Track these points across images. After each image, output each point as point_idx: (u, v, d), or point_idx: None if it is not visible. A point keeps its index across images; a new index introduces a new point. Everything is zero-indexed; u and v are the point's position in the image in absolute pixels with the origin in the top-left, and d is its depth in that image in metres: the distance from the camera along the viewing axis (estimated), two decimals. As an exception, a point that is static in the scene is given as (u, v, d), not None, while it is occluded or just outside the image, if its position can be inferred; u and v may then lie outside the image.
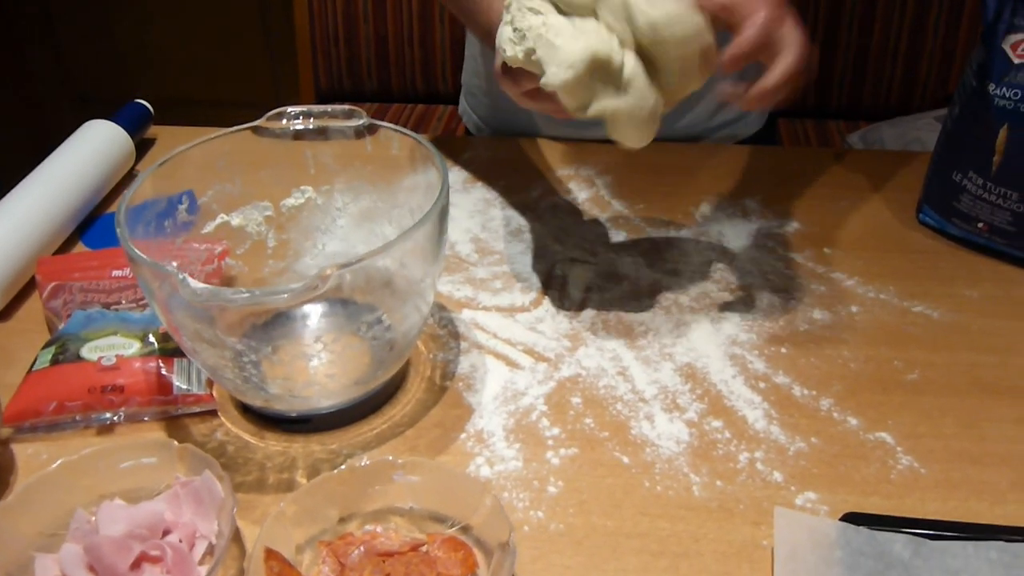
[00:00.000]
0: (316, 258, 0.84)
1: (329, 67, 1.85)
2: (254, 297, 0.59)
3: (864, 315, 0.84)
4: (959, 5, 1.65)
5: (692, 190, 1.02)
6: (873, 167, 1.06)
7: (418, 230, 0.65)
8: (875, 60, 1.71)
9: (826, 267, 0.90)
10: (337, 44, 1.82)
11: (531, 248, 0.92)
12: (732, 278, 0.88)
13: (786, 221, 0.96)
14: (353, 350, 0.73)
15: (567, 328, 0.82)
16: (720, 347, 0.79)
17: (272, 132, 0.78)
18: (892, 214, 0.98)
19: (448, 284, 0.88)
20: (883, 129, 1.58)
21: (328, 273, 0.59)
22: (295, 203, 0.82)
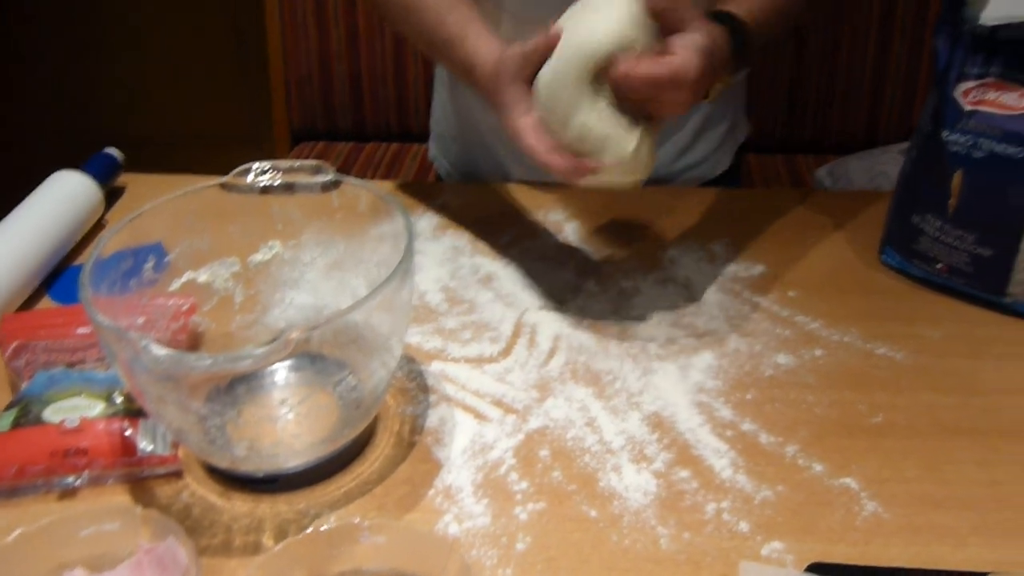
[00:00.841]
0: (286, 311, 0.84)
1: (303, 106, 1.85)
2: (217, 364, 0.58)
3: (828, 358, 0.84)
4: (919, 41, 1.67)
5: (659, 234, 1.02)
6: (837, 207, 1.07)
7: (384, 289, 0.65)
8: (841, 95, 1.73)
9: (791, 310, 0.90)
10: (311, 83, 1.82)
11: (500, 296, 0.92)
12: (699, 323, 0.88)
13: (752, 264, 0.97)
14: (320, 409, 0.73)
15: (536, 378, 0.82)
16: (687, 395, 0.79)
17: (239, 188, 0.78)
18: (855, 255, 0.98)
19: (417, 335, 0.87)
20: (850, 163, 1.59)
21: (293, 336, 0.59)
22: (263, 258, 0.81)
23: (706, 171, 1.25)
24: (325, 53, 1.79)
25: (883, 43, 1.68)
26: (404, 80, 1.79)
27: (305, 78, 1.81)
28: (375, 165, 1.79)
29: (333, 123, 1.85)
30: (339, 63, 1.79)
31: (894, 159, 1.53)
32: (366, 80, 1.80)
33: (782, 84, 1.73)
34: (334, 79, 1.81)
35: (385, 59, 1.77)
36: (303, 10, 1.76)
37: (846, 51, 1.70)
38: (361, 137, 1.87)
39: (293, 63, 1.80)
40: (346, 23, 1.76)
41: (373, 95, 1.82)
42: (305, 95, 1.83)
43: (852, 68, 1.71)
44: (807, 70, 1.72)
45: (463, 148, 1.30)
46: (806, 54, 1.70)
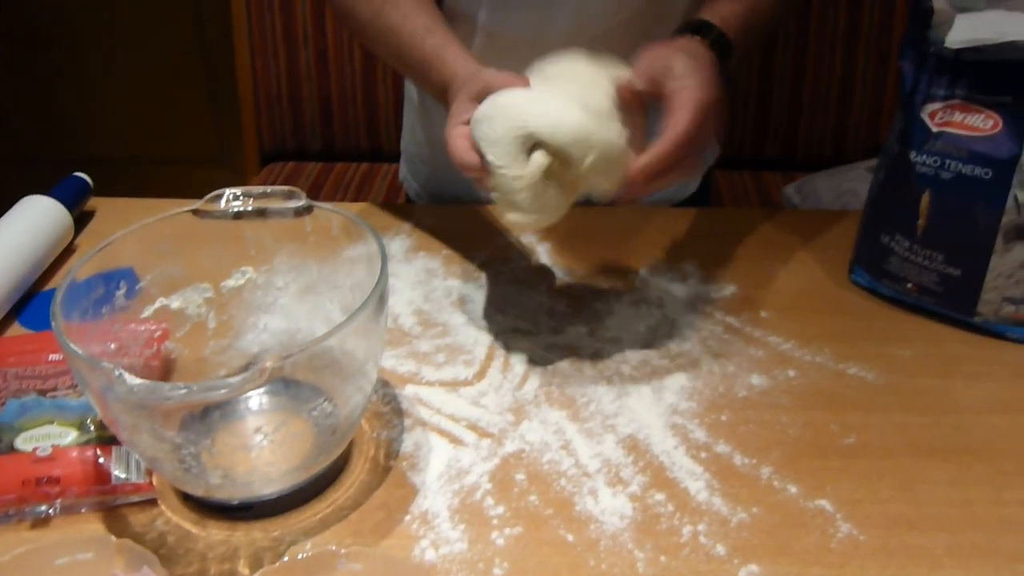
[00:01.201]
0: (259, 336, 0.83)
1: (273, 126, 1.85)
2: (191, 393, 0.58)
3: (801, 379, 0.84)
4: (885, 59, 1.68)
5: (632, 255, 1.02)
6: (806, 226, 1.08)
7: (359, 314, 0.65)
8: (808, 112, 1.75)
9: (763, 331, 0.90)
10: (281, 103, 1.82)
11: (474, 319, 0.92)
12: (672, 345, 0.88)
13: (724, 285, 0.97)
14: (295, 436, 0.72)
15: (510, 402, 0.82)
16: (661, 417, 0.80)
17: (211, 214, 0.78)
18: (825, 274, 0.99)
19: (391, 358, 0.87)
20: (818, 181, 1.60)
21: (267, 365, 0.59)
22: (235, 284, 0.81)
23: (675, 192, 1.26)
24: (294, 75, 1.78)
25: (849, 58, 1.70)
26: (374, 101, 1.79)
27: (274, 99, 1.81)
28: (345, 185, 1.78)
29: (303, 144, 1.85)
30: (309, 85, 1.79)
31: (861, 176, 1.54)
32: (336, 101, 1.80)
33: (749, 101, 1.75)
34: (304, 101, 1.80)
35: (355, 81, 1.77)
36: (272, 32, 1.76)
37: (812, 67, 1.71)
38: (331, 157, 1.87)
39: (263, 85, 1.80)
40: (315, 45, 1.76)
41: (343, 116, 1.81)
42: (275, 116, 1.83)
43: (818, 84, 1.73)
44: (774, 86, 1.73)
45: (433, 170, 1.30)
46: (772, 71, 1.72)
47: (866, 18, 1.67)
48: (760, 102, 1.75)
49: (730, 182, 1.77)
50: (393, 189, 1.74)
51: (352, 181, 1.80)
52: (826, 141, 1.77)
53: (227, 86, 2.51)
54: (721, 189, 1.75)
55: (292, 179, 1.80)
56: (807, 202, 1.57)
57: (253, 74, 1.80)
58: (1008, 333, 0.88)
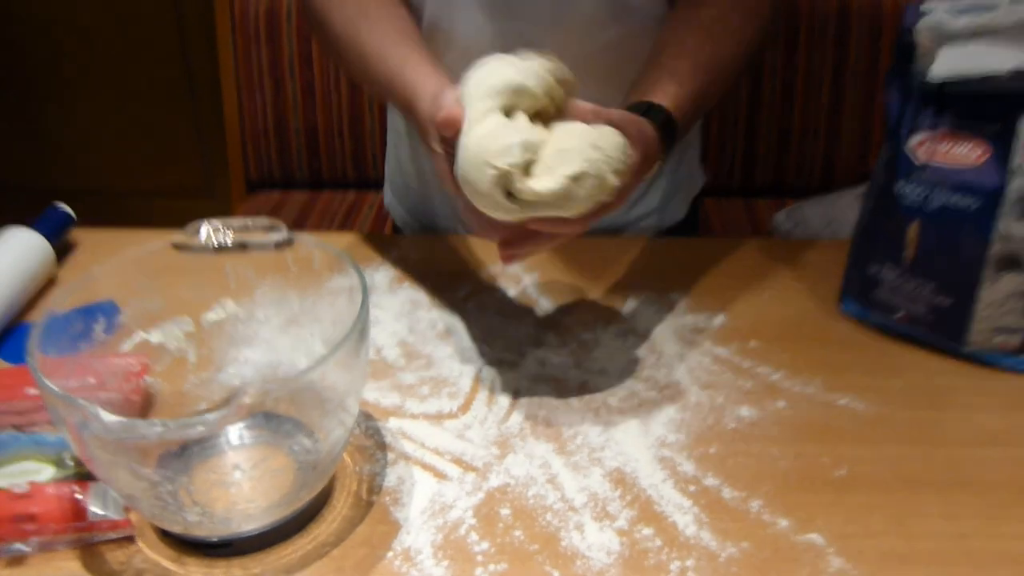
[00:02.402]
0: (240, 369, 0.83)
1: (259, 157, 1.85)
2: (169, 431, 0.57)
3: (791, 410, 0.84)
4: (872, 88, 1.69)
5: (618, 285, 1.02)
6: (795, 255, 1.08)
7: (341, 348, 0.65)
8: (797, 139, 1.75)
9: (752, 361, 0.90)
10: (267, 134, 1.82)
11: (459, 351, 0.92)
12: (660, 376, 0.88)
13: (712, 315, 0.97)
14: (276, 472, 0.72)
15: (495, 435, 0.81)
16: (649, 450, 0.79)
17: (191, 247, 0.77)
18: (815, 304, 0.99)
19: (375, 391, 0.86)
20: (807, 208, 1.61)
21: (246, 401, 0.58)
22: (216, 317, 0.81)
23: (661, 220, 1.26)
24: (281, 107, 1.79)
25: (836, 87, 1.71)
26: (360, 132, 1.79)
27: (260, 130, 1.81)
28: (332, 214, 1.78)
29: (289, 173, 1.85)
30: (295, 115, 1.79)
31: (851, 204, 1.55)
32: (322, 133, 1.80)
33: (739, 128, 1.75)
34: (290, 132, 1.81)
35: (341, 113, 1.78)
36: (258, 64, 1.76)
37: (800, 95, 1.72)
38: (318, 186, 1.87)
39: (249, 115, 1.80)
40: (302, 76, 1.76)
41: (329, 147, 1.82)
42: (260, 147, 1.83)
43: (807, 111, 1.73)
44: (763, 114, 1.74)
45: (420, 198, 1.29)
46: (761, 98, 1.72)
47: (853, 50, 1.68)
48: (749, 129, 1.76)
49: (720, 209, 1.78)
50: (380, 217, 1.74)
51: (339, 210, 1.80)
52: (815, 169, 1.78)
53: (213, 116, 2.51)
54: (711, 216, 1.75)
55: (278, 208, 1.80)
56: (797, 229, 1.57)
57: (239, 104, 1.81)
58: (1000, 363, 0.88)
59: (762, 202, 1.80)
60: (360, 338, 0.68)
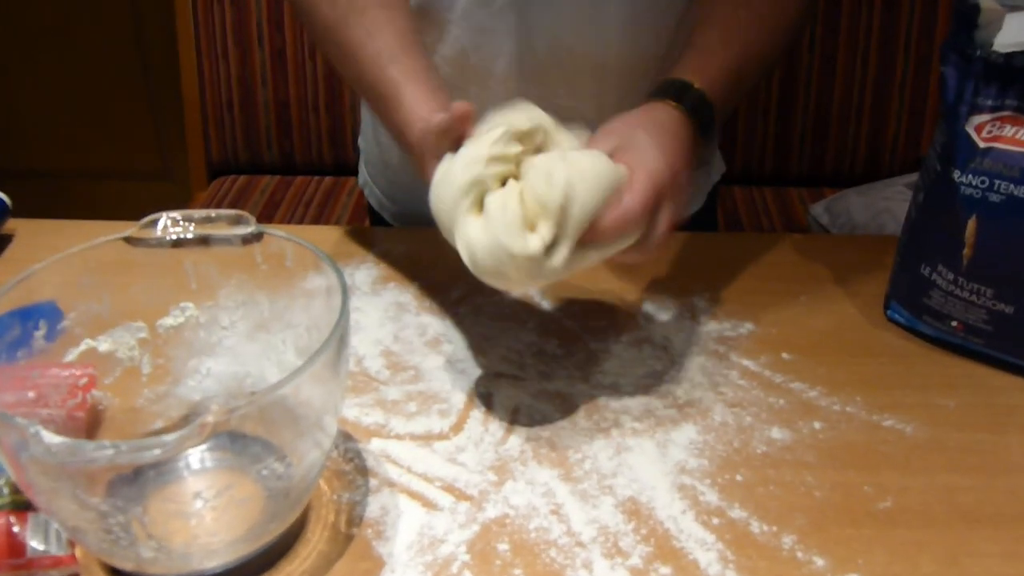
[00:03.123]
0: (202, 382, 0.83)
1: (223, 136, 1.85)
2: (120, 454, 0.57)
3: (829, 432, 0.84)
4: (926, 62, 1.69)
5: (633, 288, 1.02)
6: (836, 253, 1.08)
7: (317, 358, 0.65)
8: (837, 120, 1.75)
9: (785, 376, 0.90)
10: (231, 110, 1.82)
11: (451, 362, 0.92)
12: (680, 392, 0.88)
13: (739, 322, 0.97)
14: (242, 501, 0.72)
15: (492, 458, 0.81)
16: (667, 476, 0.79)
17: (146, 241, 0.77)
18: (857, 310, 0.99)
19: (355, 408, 0.87)
20: (850, 198, 1.61)
21: (209, 420, 0.58)
22: (174, 322, 0.81)
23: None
24: (247, 78, 1.79)
25: (885, 62, 1.71)
26: (339, 108, 1.80)
27: (224, 105, 1.81)
28: (306, 202, 1.79)
29: (256, 155, 1.85)
30: (263, 89, 1.79)
31: (900, 194, 1.55)
32: (295, 107, 1.81)
33: (770, 107, 1.76)
34: (258, 107, 1.81)
35: (316, 84, 1.78)
36: (222, 29, 1.76)
37: (842, 72, 1.72)
38: (289, 170, 1.87)
39: (211, 88, 1.80)
40: (271, 44, 1.76)
41: (303, 124, 1.82)
42: (224, 124, 1.83)
43: (850, 90, 1.73)
44: (798, 91, 1.74)
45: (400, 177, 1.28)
46: (797, 76, 1.73)
47: (905, 16, 1.68)
48: (783, 110, 1.76)
49: (748, 199, 1.78)
50: (360, 207, 1.74)
51: (313, 197, 1.80)
52: (858, 154, 1.78)
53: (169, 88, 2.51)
54: (738, 208, 1.76)
55: (244, 195, 1.80)
56: (837, 223, 1.57)
57: (200, 76, 1.81)
58: (1068, 379, 0.88)
59: (796, 192, 1.81)
60: (339, 347, 0.68)
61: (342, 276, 0.72)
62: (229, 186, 1.83)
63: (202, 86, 1.82)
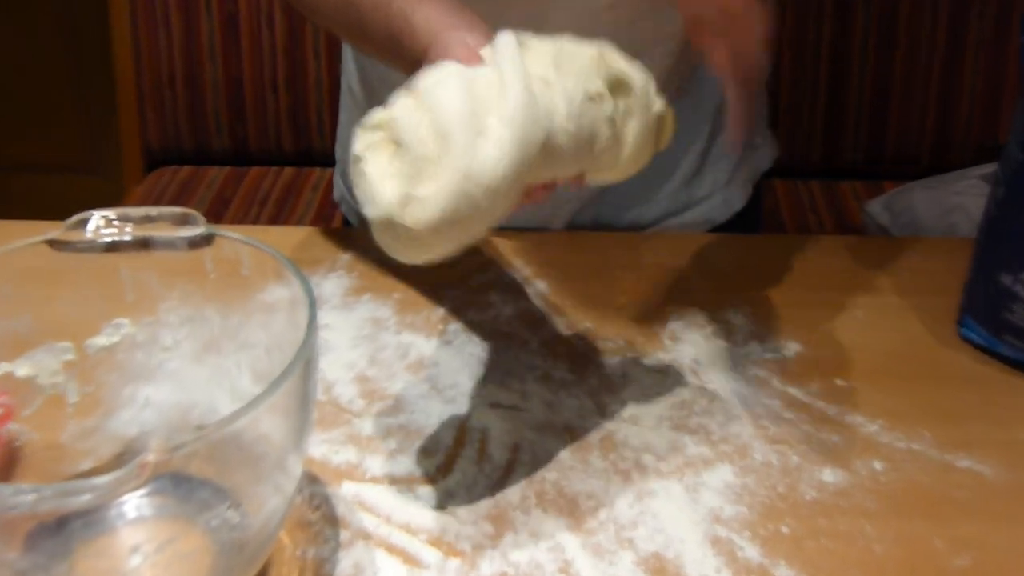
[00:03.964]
0: (139, 413, 0.83)
1: (163, 120, 1.85)
2: (43, 499, 0.57)
3: (892, 474, 0.84)
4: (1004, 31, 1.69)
5: (656, 300, 1.03)
6: (896, 260, 1.08)
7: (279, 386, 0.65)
8: (899, 102, 1.75)
9: (839, 406, 0.90)
10: (174, 88, 1.83)
11: (438, 389, 0.92)
12: (713, 426, 0.88)
13: (784, 342, 0.98)
14: (188, 556, 0.72)
15: (489, 506, 0.81)
16: (698, 526, 0.79)
17: (74, 245, 0.77)
18: (925, 327, 1.00)
19: (323, 444, 0.87)
20: (915, 194, 1.61)
21: (150, 459, 0.58)
22: (106, 342, 0.81)
23: (715, 211, 1.26)
24: (192, 49, 1.79)
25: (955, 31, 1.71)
26: (301, 85, 1.80)
27: (165, 83, 1.81)
28: (262, 199, 1.79)
29: (204, 142, 1.85)
30: (212, 63, 1.80)
31: (975, 187, 1.55)
32: (249, 85, 1.81)
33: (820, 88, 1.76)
34: (205, 84, 1.81)
35: (275, 57, 1.78)
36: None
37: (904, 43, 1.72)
38: (243, 160, 1.87)
39: (149, 63, 1.80)
40: (221, 9, 1.76)
41: (259, 105, 1.82)
42: (164, 105, 1.83)
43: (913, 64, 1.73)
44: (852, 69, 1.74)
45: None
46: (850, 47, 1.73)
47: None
48: (833, 89, 1.76)
49: (793, 194, 1.78)
50: (328, 204, 1.74)
51: (271, 193, 1.80)
52: (924, 142, 1.78)
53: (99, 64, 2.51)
54: (780, 206, 1.76)
55: (188, 189, 1.80)
56: (899, 223, 1.58)
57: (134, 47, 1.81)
58: None
59: (850, 186, 1.81)
60: (305, 372, 0.68)
61: (308, 286, 0.72)
62: (170, 179, 1.84)
63: (138, 59, 1.82)
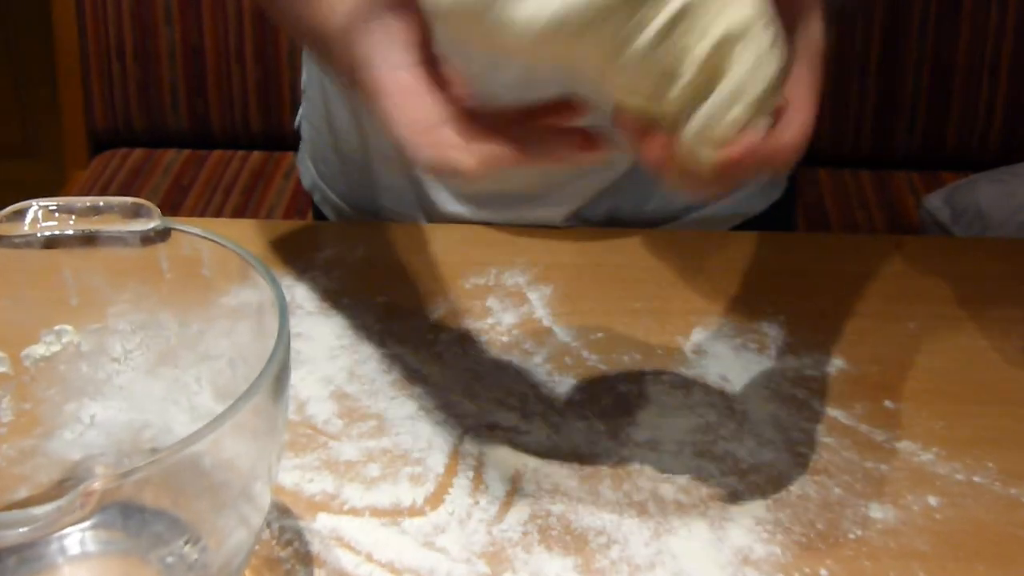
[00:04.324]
0: (83, 434, 0.83)
1: (110, 95, 1.85)
2: (-28, 531, 0.58)
3: (949, 511, 0.84)
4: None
5: (678, 307, 1.03)
6: (958, 263, 1.09)
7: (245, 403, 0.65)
8: (961, 84, 1.75)
9: (888, 432, 0.91)
10: (122, 59, 1.82)
11: (427, 409, 0.93)
12: (742, 453, 0.89)
13: (825, 357, 0.98)
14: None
15: (485, 542, 0.82)
16: (724, 569, 0.80)
17: (9, 240, 0.78)
18: (989, 343, 1.00)
19: (295, 471, 0.87)
20: (979, 187, 1.61)
21: (96, 487, 0.59)
22: (46, 352, 0.81)
23: (746, 203, 1.26)
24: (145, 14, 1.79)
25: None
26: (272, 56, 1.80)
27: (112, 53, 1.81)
28: (226, 186, 1.79)
29: (158, 121, 1.85)
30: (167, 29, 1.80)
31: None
32: (211, 55, 1.81)
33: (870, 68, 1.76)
34: (160, 54, 1.81)
35: (241, 23, 1.78)
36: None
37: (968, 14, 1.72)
38: (203, 142, 1.87)
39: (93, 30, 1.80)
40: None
41: (222, 79, 1.82)
42: (113, 79, 1.83)
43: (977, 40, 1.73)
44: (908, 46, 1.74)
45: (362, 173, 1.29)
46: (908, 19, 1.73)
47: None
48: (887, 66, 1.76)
49: (839, 189, 1.78)
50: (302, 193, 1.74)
51: (237, 179, 1.80)
52: (991, 129, 1.78)
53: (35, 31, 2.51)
54: (824, 200, 1.76)
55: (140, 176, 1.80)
56: (962, 221, 1.58)
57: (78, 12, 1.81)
58: None
59: (905, 177, 1.81)
60: (274, 387, 0.68)
61: (279, 289, 0.72)
62: (119, 164, 1.84)
63: (82, 25, 1.82)
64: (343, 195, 1.34)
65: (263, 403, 0.67)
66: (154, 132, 1.87)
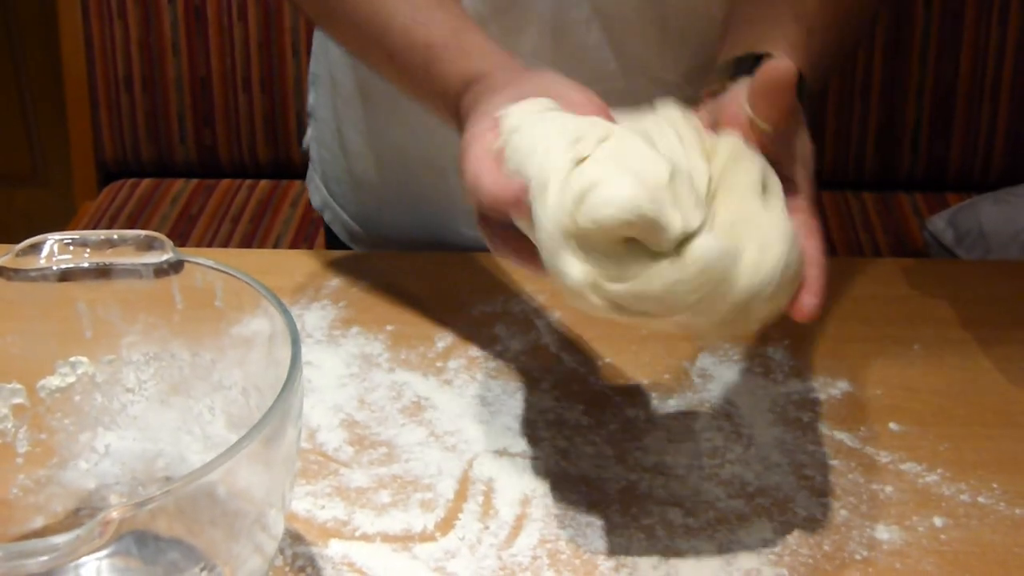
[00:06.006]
0: (98, 464, 0.83)
1: (118, 125, 1.84)
2: (-8, 561, 0.58)
3: (955, 532, 0.85)
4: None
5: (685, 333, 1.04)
6: (962, 284, 1.09)
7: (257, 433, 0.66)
8: (964, 101, 1.75)
9: (893, 454, 0.91)
10: (131, 90, 1.82)
11: (436, 436, 0.93)
12: (749, 476, 0.89)
13: (830, 380, 0.99)
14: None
15: (494, 566, 0.82)
16: (733, 591, 0.80)
17: (25, 274, 0.78)
18: (993, 364, 1.00)
19: (307, 499, 0.88)
20: (983, 208, 1.61)
21: (113, 516, 0.59)
22: (61, 383, 0.81)
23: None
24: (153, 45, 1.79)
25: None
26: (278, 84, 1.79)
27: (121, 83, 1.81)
28: (233, 216, 1.79)
29: (167, 152, 1.85)
30: (175, 60, 1.79)
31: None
32: (218, 85, 1.81)
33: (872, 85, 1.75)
34: (168, 84, 1.81)
35: (248, 53, 1.78)
36: (119, -20, 1.76)
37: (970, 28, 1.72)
38: (211, 172, 1.87)
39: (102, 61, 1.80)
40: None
41: (229, 108, 1.82)
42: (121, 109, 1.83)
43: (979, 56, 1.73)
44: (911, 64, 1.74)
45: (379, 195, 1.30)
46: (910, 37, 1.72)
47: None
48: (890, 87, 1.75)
49: (842, 210, 1.78)
50: (309, 221, 1.74)
51: (244, 209, 1.80)
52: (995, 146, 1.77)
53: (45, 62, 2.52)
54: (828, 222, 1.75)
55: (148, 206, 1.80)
56: (966, 242, 1.58)
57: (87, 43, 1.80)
58: None
59: (908, 198, 1.80)
60: (286, 416, 0.68)
61: (290, 318, 0.73)
62: (128, 194, 1.84)
63: (90, 57, 1.82)
64: (354, 215, 1.35)
65: (275, 432, 0.67)
66: (161, 162, 1.87)
